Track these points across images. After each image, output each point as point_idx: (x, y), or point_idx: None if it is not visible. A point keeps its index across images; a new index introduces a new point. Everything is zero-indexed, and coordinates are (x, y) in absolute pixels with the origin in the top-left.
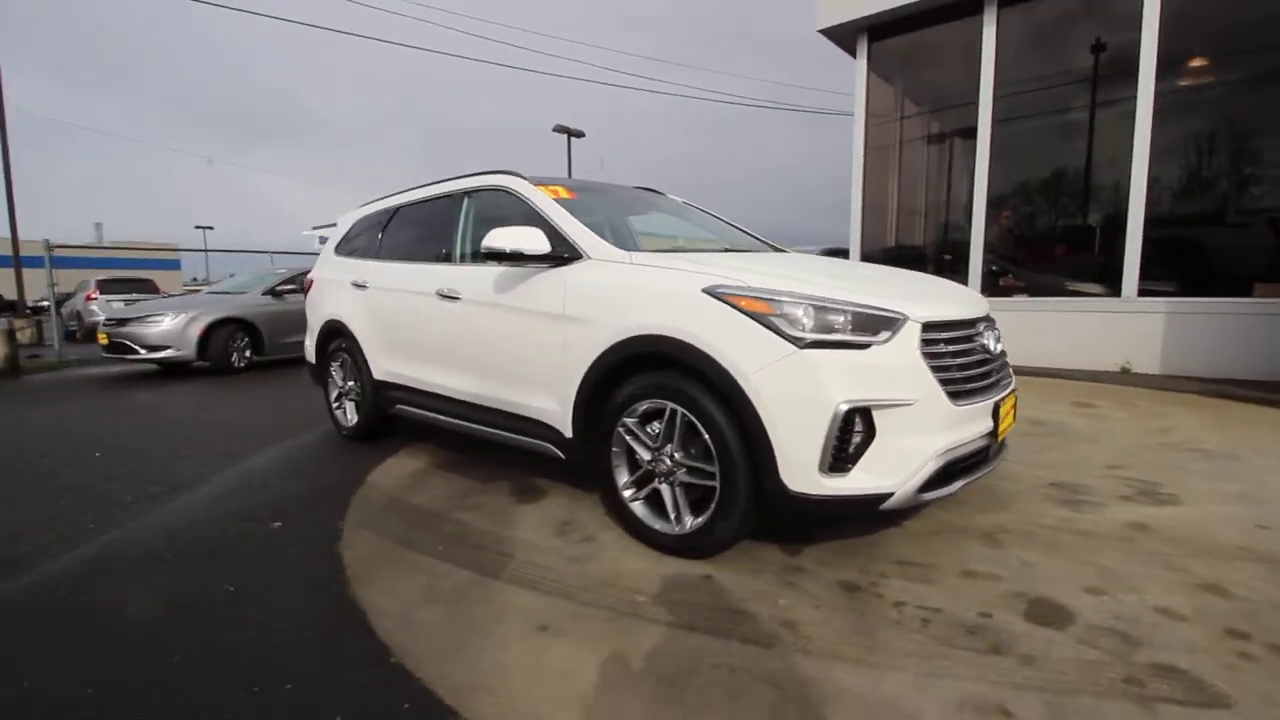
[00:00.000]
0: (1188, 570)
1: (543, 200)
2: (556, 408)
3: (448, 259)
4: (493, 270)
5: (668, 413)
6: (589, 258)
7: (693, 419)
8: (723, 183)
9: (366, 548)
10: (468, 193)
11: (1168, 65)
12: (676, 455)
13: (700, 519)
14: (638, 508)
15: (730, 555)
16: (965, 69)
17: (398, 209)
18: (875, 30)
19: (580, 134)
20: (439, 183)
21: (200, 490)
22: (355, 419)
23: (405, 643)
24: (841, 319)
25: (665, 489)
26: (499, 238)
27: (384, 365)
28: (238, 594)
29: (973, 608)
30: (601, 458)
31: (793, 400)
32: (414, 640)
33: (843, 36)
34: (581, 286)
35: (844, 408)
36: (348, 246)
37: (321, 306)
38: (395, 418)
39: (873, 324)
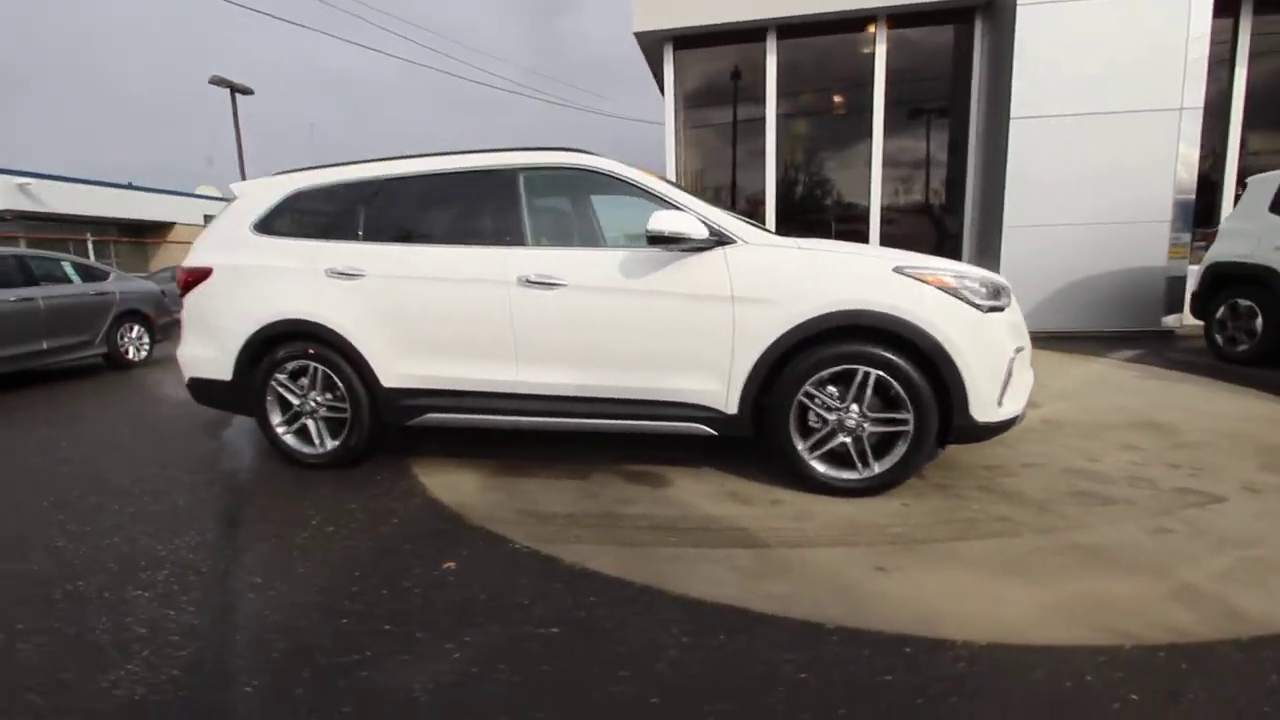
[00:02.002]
0: (1103, 439)
1: (660, 185)
2: (716, 386)
3: (507, 242)
4: (613, 254)
5: (859, 375)
6: (744, 242)
7: (887, 377)
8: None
9: (609, 558)
10: (523, 170)
11: (891, 92)
12: (866, 410)
13: (891, 460)
14: (817, 464)
15: (894, 489)
16: (750, 79)
17: (385, 181)
18: (679, 40)
19: (247, 90)
20: (460, 154)
21: (245, 564)
22: (333, 441)
23: (836, 614)
24: (990, 289)
25: (850, 441)
26: (663, 221)
27: (406, 369)
28: (572, 635)
29: (1063, 484)
30: (775, 427)
31: (983, 353)
32: (834, 611)
33: (651, 42)
34: (750, 269)
35: (1013, 354)
36: (285, 225)
37: (256, 302)
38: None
39: (1003, 291)
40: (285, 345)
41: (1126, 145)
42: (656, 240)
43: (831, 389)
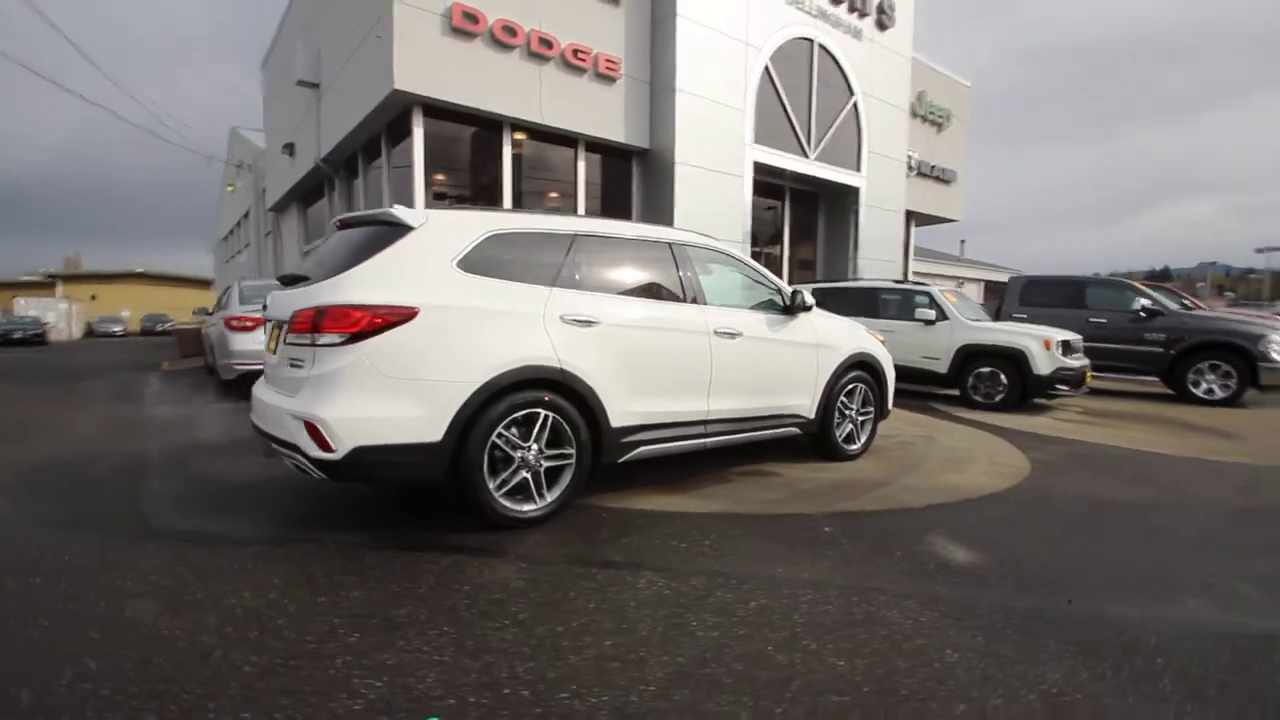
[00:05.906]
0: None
1: (764, 270)
2: (806, 401)
3: (696, 301)
4: (759, 314)
5: (860, 388)
6: (813, 309)
7: (866, 387)
8: None
9: (871, 504)
10: (678, 244)
11: (590, 191)
12: (861, 407)
13: (867, 434)
14: (845, 445)
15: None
16: (489, 157)
17: (588, 238)
18: (428, 109)
19: None
20: (647, 226)
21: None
22: (551, 493)
23: (949, 496)
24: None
25: (854, 428)
26: (806, 296)
27: (631, 408)
28: (951, 531)
29: (893, 441)
30: (828, 424)
31: (889, 370)
32: (947, 496)
33: (403, 102)
34: (821, 326)
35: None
36: (491, 265)
37: (490, 349)
38: None
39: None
40: (512, 394)
41: None
42: (803, 308)
43: (844, 399)
